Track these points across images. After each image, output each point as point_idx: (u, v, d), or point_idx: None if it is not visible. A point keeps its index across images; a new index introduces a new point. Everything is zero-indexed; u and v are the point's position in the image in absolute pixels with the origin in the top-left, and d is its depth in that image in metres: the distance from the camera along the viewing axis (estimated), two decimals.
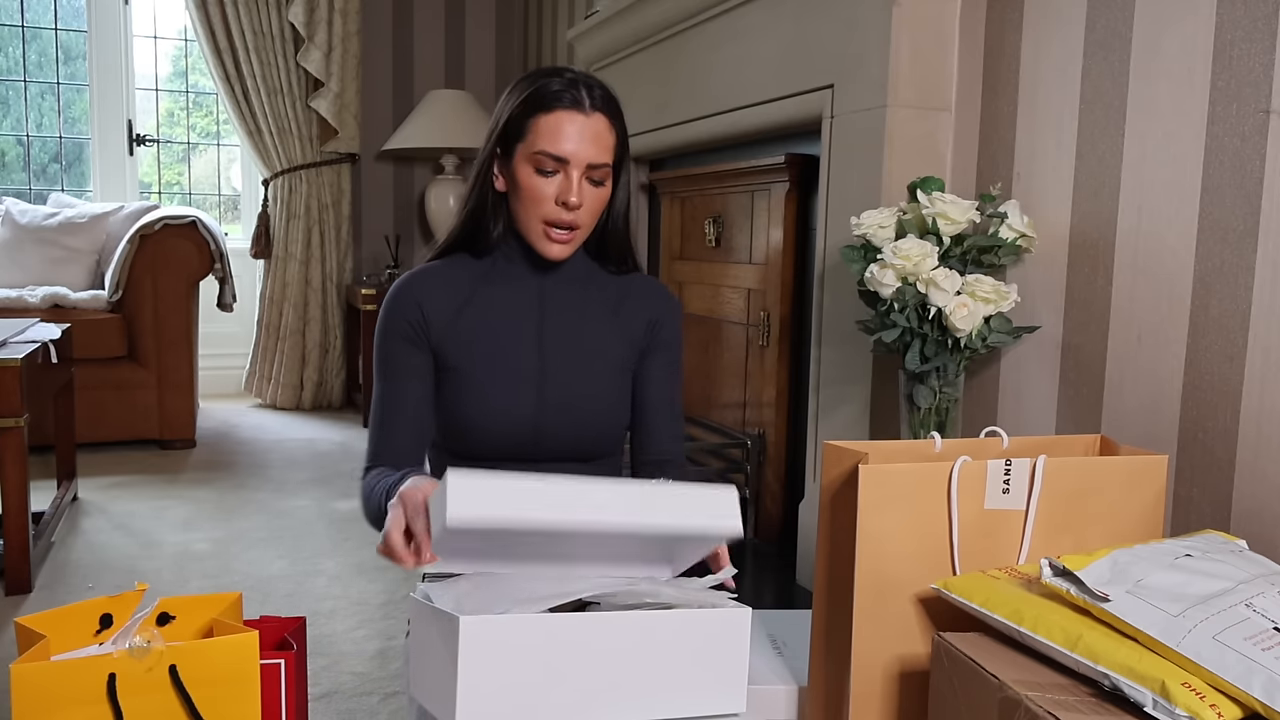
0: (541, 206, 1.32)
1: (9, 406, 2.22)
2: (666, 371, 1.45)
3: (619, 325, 1.42)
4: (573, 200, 1.30)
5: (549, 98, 1.31)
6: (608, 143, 1.33)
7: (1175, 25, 1.51)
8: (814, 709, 1.24)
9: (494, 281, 1.40)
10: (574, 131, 1.30)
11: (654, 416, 1.44)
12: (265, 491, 3.17)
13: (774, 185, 2.52)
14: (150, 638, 1.22)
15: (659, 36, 3.00)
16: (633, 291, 1.44)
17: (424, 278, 1.41)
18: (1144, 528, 1.22)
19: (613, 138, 1.34)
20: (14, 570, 2.26)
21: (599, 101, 1.33)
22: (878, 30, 1.98)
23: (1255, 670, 0.85)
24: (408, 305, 1.38)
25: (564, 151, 1.30)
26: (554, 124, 1.31)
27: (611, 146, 1.34)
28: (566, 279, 1.42)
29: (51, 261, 3.96)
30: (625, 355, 1.42)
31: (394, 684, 1.84)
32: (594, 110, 1.32)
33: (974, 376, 1.92)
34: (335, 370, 4.65)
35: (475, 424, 1.37)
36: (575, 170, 1.30)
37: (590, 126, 1.31)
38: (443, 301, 1.38)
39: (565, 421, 1.37)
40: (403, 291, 1.40)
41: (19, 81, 4.56)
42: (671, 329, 1.45)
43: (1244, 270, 1.40)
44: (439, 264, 1.43)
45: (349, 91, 4.49)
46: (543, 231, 1.34)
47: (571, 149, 1.30)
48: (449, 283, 1.40)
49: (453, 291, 1.39)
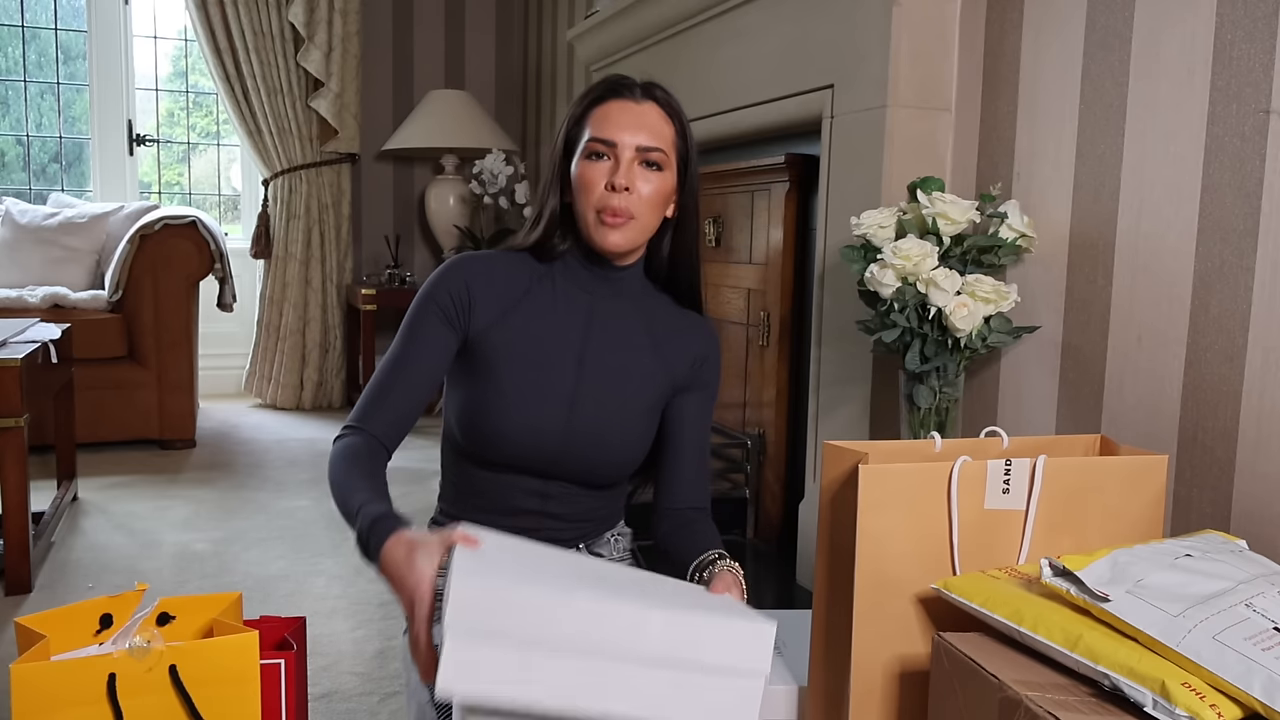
0: (593, 193, 1.30)
1: (9, 406, 2.22)
2: (702, 410, 1.42)
3: (662, 357, 1.39)
4: (619, 180, 1.27)
5: (597, 97, 1.33)
6: (661, 130, 1.31)
7: (1175, 25, 1.51)
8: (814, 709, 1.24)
9: (547, 289, 1.37)
10: (623, 116, 1.30)
11: (685, 460, 1.40)
12: (265, 491, 3.16)
13: (774, 185, 2.52)
14: (150, 638, 1.22)
15: (659, 36, 3.00)
16: (682, 326, 1.41)
17: (483, 262, 1.37)
18: (1144, 528, 1.22)
19: (669, 129, 1.33)
20: (14, 570, 2.26)
21: (652, 92, 1.33)
22: (878, 30, 1.98)
23: (1255, 670, 0.85)
24: (456, 282, 1.33)
25: (611, 135, 1.29)
26: (604, 113, 1.31)
27: (667, 136, 1.32)
28: (619, 294, 1.38)
29: (51, 261, 3.96)
30: (662, 390, 1.39)
31: (394, 684, 1.84)
32: (645, 99, 1.32)
33: (974, 376, 1.92)
34: (335, 370, 4.65)
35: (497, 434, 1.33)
36: (625, 153, 1.29)
37: (640, 112, 1.31)
38: (493, 293, 1.35)
39: (588, 447, 1.34)
40: (457, 267, 1.36)
41: (19, 81, 4.56)
42: (713, 369, 1.43)
43: (1244, 270, 1.40)
44: (501, 254, 1.39)
45: (349, 91, 4.49)
46: (596, 219, 1.30)
47: (619, 131, 1.29)
48: (504, 277, 1.36)
49: (506, 287, 1.36)
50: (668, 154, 1.32)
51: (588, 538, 1.45)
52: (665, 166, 1.32)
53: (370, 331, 4.24)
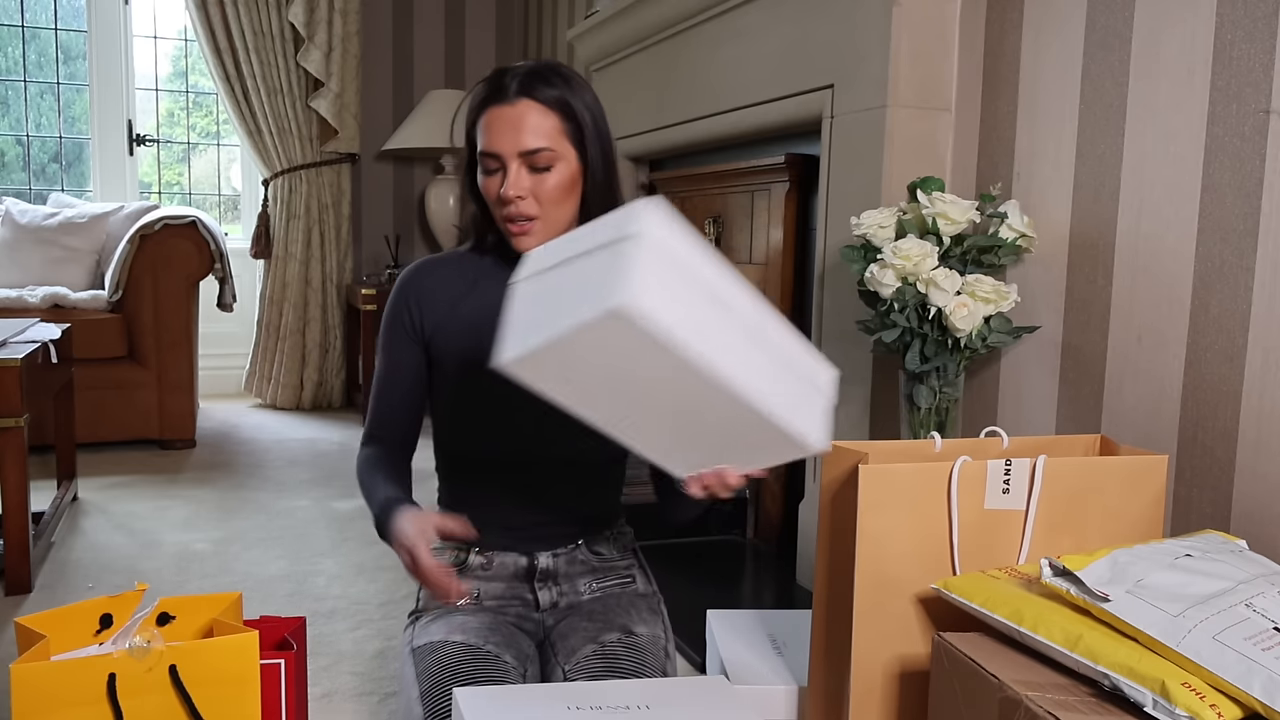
0: (496, 207, 1.33)
1: (9, 406, 2.22)
2: None
3: None
4: (509, 193, 1.29)
5: (480, 102, 1.33)
6: (540, 126, 1.29)
7: (1175, 25, 1.51)
8: (814, 709, 1.24)
9: (492, 279, 1.40)
10: (500, 125, 1.29)
11: None
12: (265, 491, 3.16)
13: (774, 185, 2.52)
14: (150, 638, 1.22)
15: (659, 36, 3.00)
16: None
17: (427, 269, 1.43)
18: (1144, 528, 1.22)
19: (548, 120, 1.30)
20: (14, 570, 2.26)
21: (521, 87, 1.30)
22: (878, 30, 1.98)
23: (1255, 670, 0.85)
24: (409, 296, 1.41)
25: (494, 147, 1.30)
26: (486, 122, 1.31)
27: (548, 129, 1.30)
28: None
29: (51, 261, 3.96)
30: None
31: (394, 684, 1.84)
32: (517, 97, 1.29)
33: (974, 376, 1.92)
34: (335, 370, 4.65)
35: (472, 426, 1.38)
36: (512, 163, 1.29)
37: (513, 115, 1.29)
38: (440, 295, 1.41)
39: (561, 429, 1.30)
40: (404, 283, 1.43)
41: (19, 81, 4.56)
42: None
43: (1244, 270, 1.40)
44: (446, 255, 1.45)
45: (349, 91, 4.49)
46: (507, 229, 1.34)
47: (499, 142, 1.29)
48: (449, 275, 1.42)
49: (452, 285, 1.41)
50: (555, 148, 1.30)
51: (587, 535, 1.46)
52: (555, 161, 1.31)
53: (370, 331, 4.24)
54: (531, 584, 1.44)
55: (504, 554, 1.44)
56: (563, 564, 1.45)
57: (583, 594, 1.45)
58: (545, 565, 1.44)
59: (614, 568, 1.48)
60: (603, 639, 1.34)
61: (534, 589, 1.44)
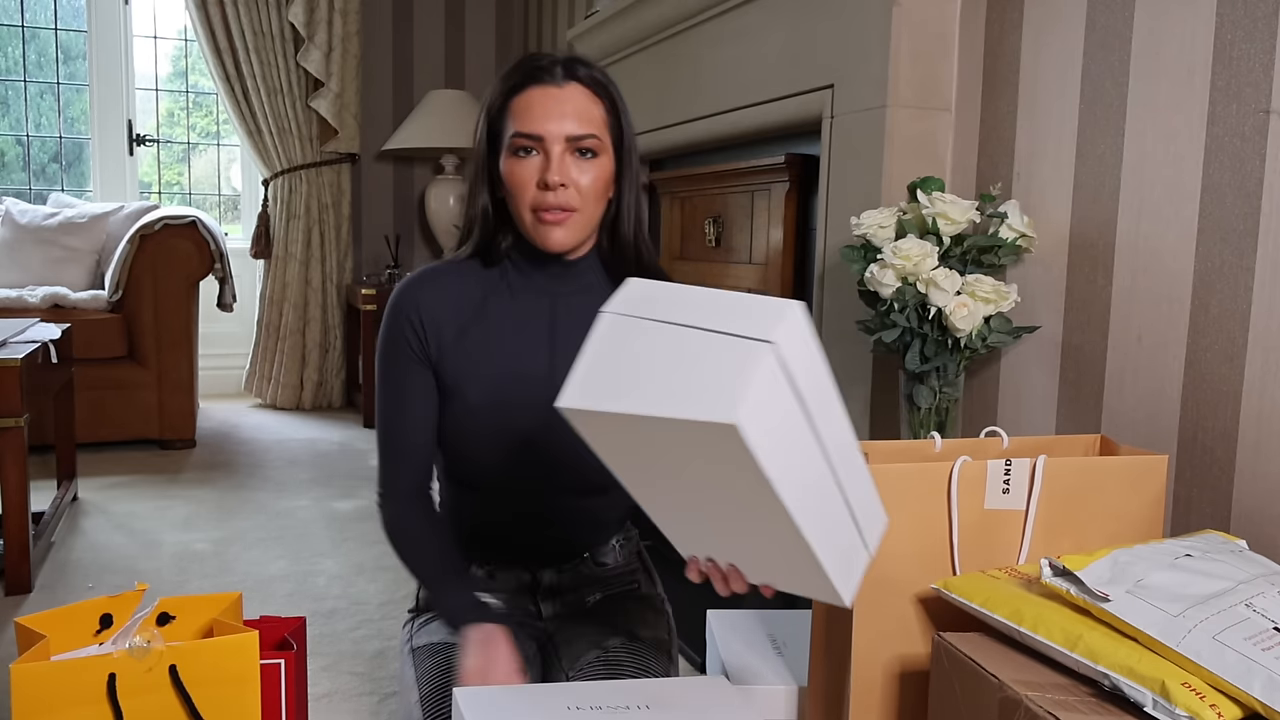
0: (526, 193, 1.21)
1: (9, 406, 2.22)
2: None
3: None
4: (553, 178, 1.18)
5: (516, 83, 1.23)
6: (590, 114, 1.22)
7: (1175, 25, 1.51)
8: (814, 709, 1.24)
9: (504, 298, 1.30)
10: (546, 104, 1.20)
11: None
12: (265, 491, 3.17)
13: (774, 185, 2.52)
14: (150, 638, 1.22)
15: (659, 36, 3.00)
16: None
17: (430, 283, 1.30)
18: (1144, 528, 1.22)
19: (598, 110, 1.23)
20: (14, 570, 2.26)
21: (574, 73, 1.23)
22: (878, 30, 1.98)
23: (1255, 670, 0.85)
24: (412, 314, 1.28)
25: (537, 128, 1.19)
26: (525, 102, 1.21)
27: (598, 118, 1.23)
28: (579, 289, 1.31)
29: (51, 261, 3.96)
30: None
31: (394, 684, 1.84)
32: (566, 80, 1.22)
33: (974, 376, 1.92)
34: (335, 370, 4.65)
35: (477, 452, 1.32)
36: (555, 146, 1.20)
37: (564, 97, 1.21)
38: (447, 314, 1.29)
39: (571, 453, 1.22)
40: (407, 299, 1.29)
41: (19, 81, 4.56)
42: None
43: (1244, 270, 1.40)
44: (447, 267, 1.32)
45: (349, 91, 4.49)
46: (534, 219, 1.22)
47: (544, 122, 1.19)
48: (456, 294, 1.29)
49: (460, 305, 1.29)
50: (601, 138, 1.23)
51: (593, 550, 1.43)
52: (600, 151, 1.23)
53: (370, 331, 4.24)
54: (535, 597, 1.42)
55: (507, 570, 1.41)
56: (567, 579, 1.42)
57: (586, 601, 1.43)
58: (550, 582, 1.41)
59: (619, 575, 1.46)
60: (606, 643, 1.32)
61: (537, 602, 1.42)
